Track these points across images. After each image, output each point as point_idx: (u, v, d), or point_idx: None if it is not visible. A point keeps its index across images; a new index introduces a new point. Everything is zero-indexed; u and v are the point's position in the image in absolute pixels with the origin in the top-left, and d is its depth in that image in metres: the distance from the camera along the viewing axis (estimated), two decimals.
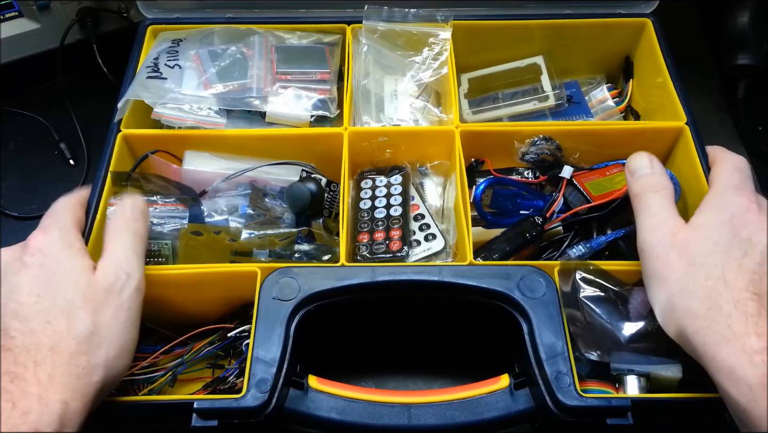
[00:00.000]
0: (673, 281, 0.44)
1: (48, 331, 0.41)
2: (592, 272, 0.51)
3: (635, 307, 0.49)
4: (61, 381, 0.40)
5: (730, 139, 0.77)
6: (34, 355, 0.40)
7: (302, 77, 0.65)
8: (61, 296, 0.43)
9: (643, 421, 0.46)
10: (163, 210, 0.56)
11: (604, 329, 0.48)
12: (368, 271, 0.52)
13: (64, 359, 0.41)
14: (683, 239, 0.45)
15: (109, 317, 0.44)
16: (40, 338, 0.41)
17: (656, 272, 0.46)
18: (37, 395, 0.39)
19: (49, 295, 0.43)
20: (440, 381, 0.60)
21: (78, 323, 0.42)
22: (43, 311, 0.42)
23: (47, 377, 0.40)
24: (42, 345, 0.41)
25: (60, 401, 0.39)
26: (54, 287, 0.43)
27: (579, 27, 0.69)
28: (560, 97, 0.67)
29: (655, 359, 0.48)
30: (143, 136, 0.61)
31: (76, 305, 0.43)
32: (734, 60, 0.74)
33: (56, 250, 0.45)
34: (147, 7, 0.69)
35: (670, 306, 0.44)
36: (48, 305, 0.43)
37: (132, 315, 0.46)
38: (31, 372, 0.39)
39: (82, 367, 0.41)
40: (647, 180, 0.50)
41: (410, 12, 0.67)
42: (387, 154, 0.63)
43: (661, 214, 0.47)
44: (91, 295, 0.44)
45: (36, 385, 0.39)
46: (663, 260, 0.45)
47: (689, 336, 0.42)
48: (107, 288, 0.45)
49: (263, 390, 0.46)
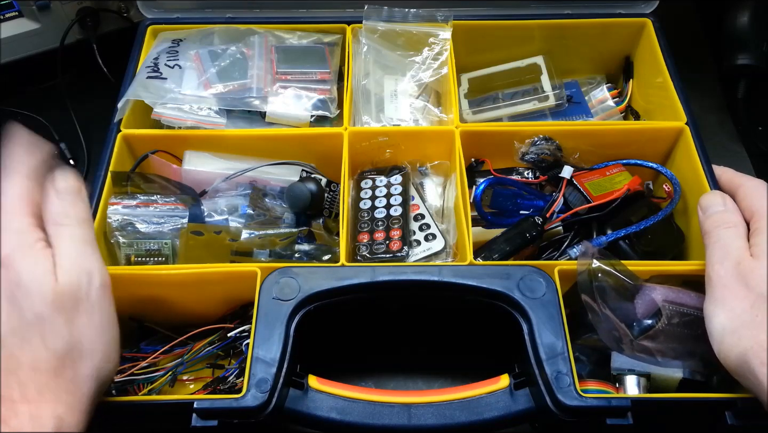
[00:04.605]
0: (740, 311, 0.44)
1: (25, 350, 0.39)
2: (609, 264, 0.50)
3: (646, 303, 0.49)
4: (51, 397, 0.39)
5: (730, 139, 0.77)
6: (18, 376, 0.38)
7: (302, 77, 0.65)
8: (29, 310, 0.40)
9: (643, 421, 0.46)
10: (163, 210, 0.56)
11: (616, 321, 0.48)
12: (368, 271, 0.52)
13: (49, 375, 0.39)
14: (749, 268, 0.45)
15: (83, 326, 0.41)
16: (19, 358, 0.39)
17: (723, 301, 0.45)
18: (28, 414, 0.38)
19: (16, 311, 0.40)
20: (440, 381, 0.60)
21: (53, 338, 0.40)
22: (15, 330, 0.39)
23: (36, 395, 0.38)
24: (23, 365, 0.39)
25: (53, 417, 0.38)
26: (20, 302, 0.40)
27: (579, 27, 0.69)
28: (560, 97, 0.67)
29: (659, 360, 0.48)
30: (143, 136, 0.61)
31: (47, 319, 0.40)
32: (734, 60, 0.74)
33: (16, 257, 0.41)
34: (147, 7, 0.69)
35: (736, 336, 0.43)
36: (17, 322, 0.40)
37: (106, 315, 0.43)
38: (18, 393, 0.38)
39: (69, 380, 0.40)
40: (720, 217, 0.49)
41: (410, 12, 0.67)
42: (387, 154, 0.63)
43: (731, 247, 0.47)
44: (60, 304, 0.40)
45: (26, 404, 0.38)
46: (730, 289, 0.45)
47: (755, 367, 0.42)
48: (73, 294, 0.41)
49: (263, 390, 0.46)
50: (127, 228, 0.55)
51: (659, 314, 0.48)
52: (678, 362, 0.48)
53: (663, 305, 0.48)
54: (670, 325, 0.47)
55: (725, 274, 0.46)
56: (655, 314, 0.48)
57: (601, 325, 0.48)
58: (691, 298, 0.49)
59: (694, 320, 0.48)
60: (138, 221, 0.55)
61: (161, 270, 0.52)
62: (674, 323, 0.47)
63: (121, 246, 0.55)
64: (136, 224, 0.55)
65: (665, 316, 0.48)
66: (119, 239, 0.55)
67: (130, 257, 0.55)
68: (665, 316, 0.48)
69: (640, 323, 0.48)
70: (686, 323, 0.48)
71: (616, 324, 0.48)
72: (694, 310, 0.48)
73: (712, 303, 0.46)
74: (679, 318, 0.48)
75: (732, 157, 0.75)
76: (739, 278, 0.45)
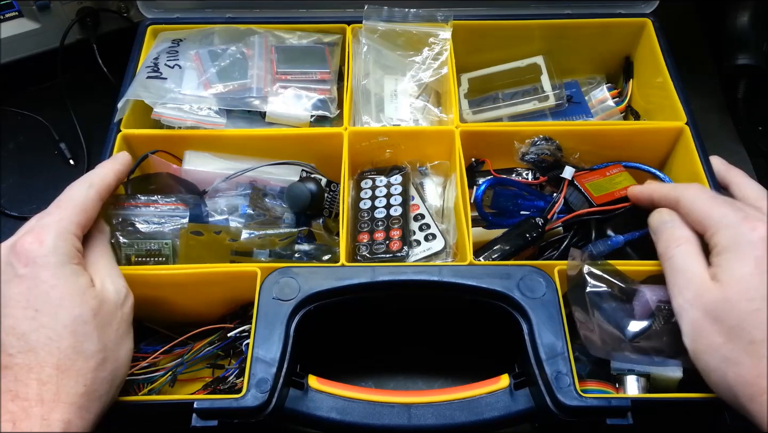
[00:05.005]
0: (713, 350, 0.42)
1: (51, 348, 0.40)
2: (600, 268, 0.50)
3: (641, 305, 0.49)
4: (67, 400, 0.39)
5: (730, 139, 0.77)
6: (38, 373, 0.39)
7: (302, 77, 0.65)
8: (66, 312, 0.42)
9: (643, 421, 0.46)
10: (163, 210, 0.56)
11: (609, 325, 0.48)
12: (368, 271, 0.52)
13: (72, 377, 0.40)
14: (713, 301, 0.42)
15: (113, 333, 0.44)
16: (42, 356, 0.40)
17: (697, 338, 0.43)
18: (40, 415, 0.38)
19: (50, 311, 0.41)
20: (440, 381, 0.60)
21: (87, 342, 0.42)
22: (43, 328, 0.41)
23: (52, 397, 0.39)
24: (46, 364, 0.40)
25: (62, 421, 0.39)
26: (55, 303, 0.42)
27: (579, 27, 0.69)
28: (560, 97, 0.67)
29: (656, 360, 0.48)
30: (143, 136, 0.61)
31: (84, 322, 0.42)
32: (734, 60, 0.74)
33: (52, 264, 0.43)
34: (147, 7, 0.69)
35: (720, 373, 0.42)
36: (47, 321, 0.41)
37: (129, 326, 0.47)
38: (34, 391, 0.39)
39: (89, 384, 0.41)
40: (668, 235, 0.47)
41: (410, 12, 0.67)
42: (387, 154, 0.63)
43: (687, 272, 0.45)
44: (101, 312, 0.43)
45: (39, 405, 0.38)
46: (699, 328, 0.43)
47: (744, 404, 0.41)
48: (114, 304, 0.45)
49: (263, 390, 0.46)
50: (127, 228, 0.55)
51: (654, 315, 0.48)
52: (677, 361, 0.48)
53: (658, 305, 0.48)
54: (669, 324, 0.47)
55: (690, 308, 0.44)
56: (650, 315, 0.48)
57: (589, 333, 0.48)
58: None
59: None
60: (138, 221, 0.55)
61: (161, 270, 0.52)
62: (673, 322, 0.46)
63: (122, 246, 0.55)
64: (136, 224, 0.55)
65: (661, 316, 0.48)
66: (120, 239, 0.55)
67: (131, 257, 0.55)
68: (661, 316, 0.48)
69: (635, 326, 0.48)
70: None
71: (609, 332, 0.48)
72: None
73: (687, 337, 0.44)
74: None
75: (732, 157, 0.74)
76: (705, 313, 0.43)
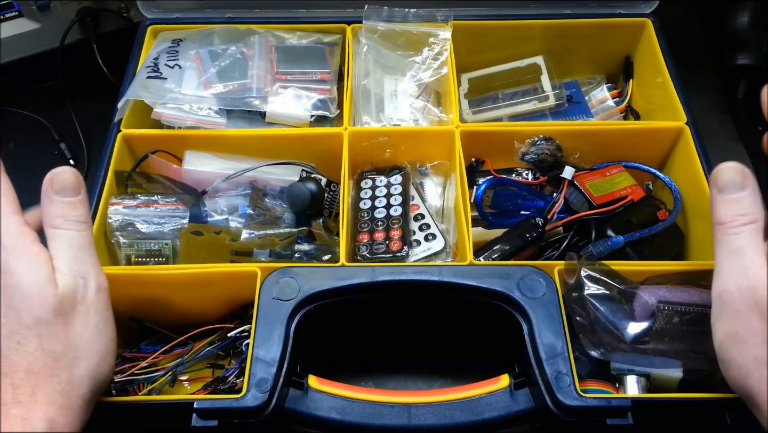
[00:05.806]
0: (753, 345, 0.40)
1: (21, 353, 0.39)
2: (597, 269, 0.50)
3: (640, 306, 0.49)
4: (45, 400, 0.39)
5: (730, 139, 0.77)
6: (11, 378, 0.39)
7: (302, 77, 0.65)
8: (28, 313, 0.40)
9: (643, 421, 0.46)
10: (163, 210, 0.56)
11: (608, 327, 0.48)
12: (368, 271, 0.52)
13: (45, 379, 0.39)
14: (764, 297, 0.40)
15: (79, 327, 0.41)
16: (14, 361, 0.39)
17: (734, 330, 0.41)
18: (20, 416, 0.38)
19: (14, 314, 0.40)
20: (440, 381, 0.60)
21: (51, 341, 0.40)
22: (11, 334, 0.39)
23: (29, 398, 0.38)
24: (17, 368, 0.39)
25: (44, 420, 0.38)
26: (18, 305, 0.40)
27: (579, 27, 0.69)
28: (560, 97, 0.67)
29: (656, 360, 0.48)
30: (143, 136, 0.61)
31: (46, 321, 0.40)
32: (734, 60, 0.74)
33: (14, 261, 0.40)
34: (147, 7, 0.69)
35: (746, 370, 0.40)
36: (15, 325, 0.39)
37: (102, 317, 0.43)
38: (10, 396, 0.38)
39: (65, 383, 0.40)
40: (739, 206, 0.42)
41: (410, 12, 0.67)
42: (387, 154, 0.63)
43: (747, 258, 0.41)
44: (60, 308, 0.41)
45: (17, 406, 0.38)
46: (743, 319, 0.40)
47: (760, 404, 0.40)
48: (70, 299, 0.41)
49: (263, 390, 0.46)
50: (127, 228, 0.55)
51: (654, 315, 0.48)
52: (677, 361, 0.48)
53: (658, 306, 0.48)
54: (671, 324, 0.47)
55: (739, 298, 0.40)
56: (650, 316, 0.48)
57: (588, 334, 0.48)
58: (691, 295, 0.48)
59: (696, 317, 0.47)
60: (138, 221, 0.55)
61: (161, 270, 0.52)
62: (675, 322, 0.46)
63: (122, 246, 0.55)
64: (136, 224, 0.55)
65: (662, 317, 0.48)
66: (120, 239, 0.55)
67: (131, 257, 0.55)
68: (662, 317, 0.48)
69: (635, 327, 0.48)
70: (689, 320, 0.48)
71: (609, 333, 0.48)
72: (696, 307, 0.48)
73: (719, 322, 0.42)
74: (680, 316, 0.48)
75: (732, 157, 0.74)
76: (753, 307, 0.40)
